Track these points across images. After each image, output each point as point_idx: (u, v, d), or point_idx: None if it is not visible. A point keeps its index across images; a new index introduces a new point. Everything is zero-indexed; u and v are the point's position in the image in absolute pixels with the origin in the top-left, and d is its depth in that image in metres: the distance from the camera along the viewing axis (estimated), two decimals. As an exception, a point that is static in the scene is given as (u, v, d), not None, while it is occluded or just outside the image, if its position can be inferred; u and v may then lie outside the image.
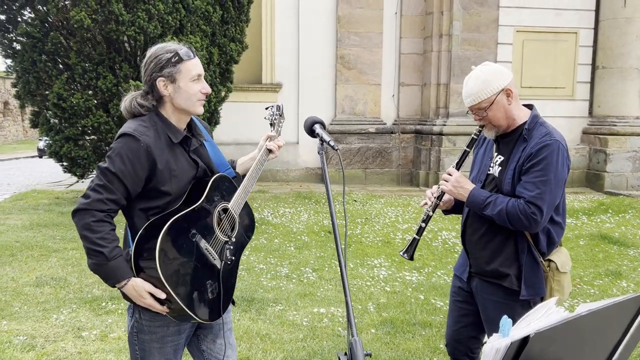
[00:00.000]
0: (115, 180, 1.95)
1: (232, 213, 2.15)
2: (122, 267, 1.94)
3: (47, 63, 8.21)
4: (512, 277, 2.38)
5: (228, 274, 2.14)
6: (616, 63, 11.19)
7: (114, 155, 1.97)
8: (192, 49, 2.09)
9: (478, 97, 2.31)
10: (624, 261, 6.13)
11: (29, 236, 6.75)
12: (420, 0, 11.46)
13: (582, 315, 1.21)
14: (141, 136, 1.98)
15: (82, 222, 1.93)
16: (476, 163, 2.61)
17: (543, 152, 2.26)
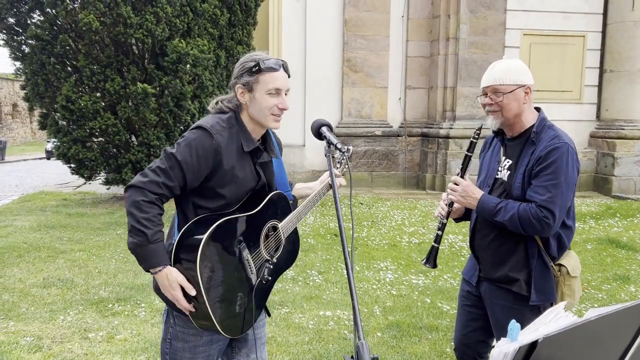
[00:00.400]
0: (176, 168, 1.92)
1: (280, 233, 2.11)
2: (160, 252, 1.89)
3: (56, 65, 8.28)
4: (522, 282, 2.36)
5: (260, 293, 2.07)
6: (624, 66, 11.14)
7: (184, 145, 1.94)
8: (280, 62, 2.03)
9: (501, 80, 2.30)
10: (632, 265, 6.09)
11: (37, 237, 6.78)
12: (427, 4, 11.46)
13: (590, 320, 1.20)
14: (216, 134, 1.96)
15: (132, 198, 1.89)
16: (483, 167, 2.59)
17: (552, 155, 2.24)
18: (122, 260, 5.90)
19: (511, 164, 2.39)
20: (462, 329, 2.64)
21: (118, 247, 6.43)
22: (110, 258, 5.96)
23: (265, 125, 2.07)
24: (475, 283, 2.55)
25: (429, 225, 7.82)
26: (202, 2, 8.35)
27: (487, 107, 2.37)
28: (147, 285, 5.08)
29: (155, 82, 8.22)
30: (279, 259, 2.12)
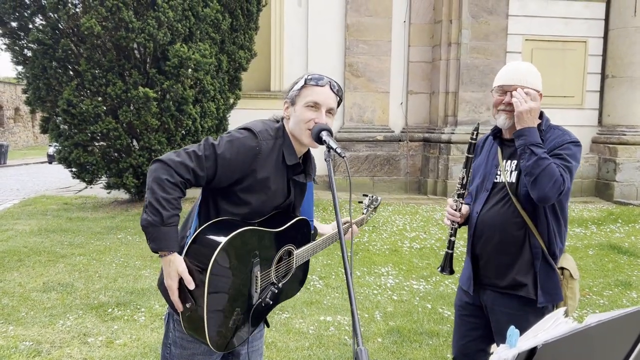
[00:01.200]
0: (211, 160, 1.87)
1: (293, 260, 2.07)
2: (171, 236, 1.83)
3: (58, 69, 8.30)
4: (529, 286, 2.33)
5: (257, 314, 1.99)
6: (626, 72, 11.13)
7: (227, 139, 1.91)
8: (327, 79, 2.00)
9: (525, 81, 2.31)
10: (634, 271, 6.06)
11: (37, 241, 6.78)
12: (429, 9, 11.47)
13: (590, 326, 1.19)
14: (261, 140, 1.94)
15: (157, 174, 1.82)
16: (477, 171, 2.54)
17: (567, 142, 2.28)
18: (122, 264, 5.89)
19: (517, 166, 2.35)
20: (461, 339, 2.59)
21: (119, 251, 6.42)
22: (110, 262, 5.95)
23: (300, 140, 2.00)
24: (473, 292, 2.49)
25: (430, 231, 7.80)
26: (204, 6, 8.37)
27: (502, 106, 2.34)
28: (147, 290, 5.07)
29: (157, 87, 8.23)
30: (284, 285, 2.07)
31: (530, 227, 2.33)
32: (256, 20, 9.53)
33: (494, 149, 2.48)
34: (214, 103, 8.81)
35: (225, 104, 9.08)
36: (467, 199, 2.56)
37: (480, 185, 2.47)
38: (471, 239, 2.48)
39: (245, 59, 9.32)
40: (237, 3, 9.02)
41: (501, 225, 2.36)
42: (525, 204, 2.32)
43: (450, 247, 2.52)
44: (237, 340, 1.97)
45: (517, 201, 2.33)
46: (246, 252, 1.88)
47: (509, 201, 2.35)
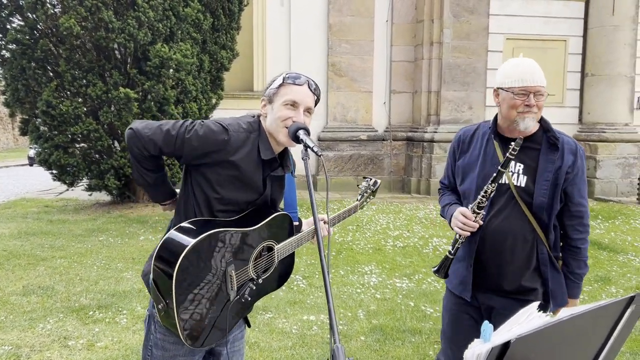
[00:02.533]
0: (180, 141, 1.93)
1: (274, 256, 2.06)
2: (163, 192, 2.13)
3: (37, 70, 8.19)
4: (538, 291, 2.31)
5: (235, 310, 1.99)
6: (604, 70, 11.29)
7: (199, 127, 1.94)
8: (306, 78, 2.02)
9: (543, 82, 2.28)
10: (613, 267, 6.14)
11: (17, 245, 6.68)
12: (411, 8, 11.52)
13: (563, 320, 1.20)
14: (232, 132, 1.96)
15: (130, 144, 1.96)
16: (471, 170, 2.42)
17: (582, 159, 2.35)
18: (104, 267, 5.83)
19: (525, 170, 2.30)
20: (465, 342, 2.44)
21: (100, 253, 6.35)
22: (92, 265, 5.89)
23: (277, 138, 2.00)
24: (471, 297, 2.40)
25: (414, 229, 7.83)
26: (184, 6, 8.32)
27: (527, 108, 2.24)
28: (129, 292, 5.03)
29: (138, 87, 8.16)
30: (266, 280, 2.06)
31: (539, 233, 2.30)
32: (238, 19, 9.50)
33: (490, 147, 2.37)
34: (196, 103, 8.76)
35: (207, 105, 9.03)
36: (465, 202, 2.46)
37: (481, 186, 2.31)
38: (476, 244, 2.34)
39: (227, 59, 9.29)
40: (219, 3, 8.98)
41: (512, 230, 2.29)
42: (537, 211, 2.28)
43: (455, 252, 2.38)
44: (215, 336, 1.96)
45: (525, 206, 2.28)
46: (217, 254, 1.87)
47: (516, 205, 2.29)
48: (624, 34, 11.08)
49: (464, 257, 2.40)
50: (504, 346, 1.12)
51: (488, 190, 2.23)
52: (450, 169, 2.56)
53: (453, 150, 2.53)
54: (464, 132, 2.52)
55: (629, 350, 3.93)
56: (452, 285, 2.49)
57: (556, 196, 2.27)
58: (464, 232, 2.29)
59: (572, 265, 2.35)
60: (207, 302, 1.89)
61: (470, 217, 2.27)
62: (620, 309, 1.36)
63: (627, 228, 8.15)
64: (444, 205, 2.55)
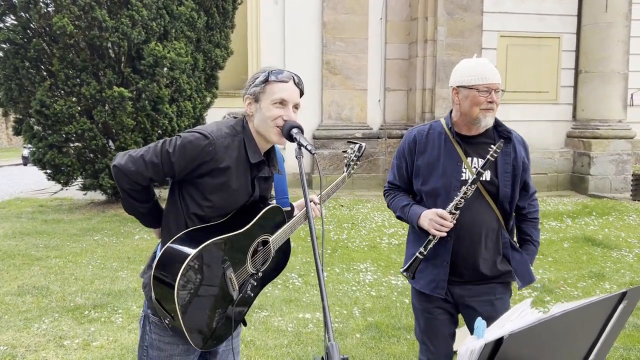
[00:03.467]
0: (167, 165, 1.93)
1: (271, 247, 2.07)
2: (154, 218, 2.10)
3: (30, 70, 8.15)
4: (512, 272, 2.47)
5: (241, 307, 2.03)
6: (598, 67, 11.32)
7: (179, 145, 1.92)
8: (291, 74, 2.01)
9: (500, 79, 2.37)
10: (607, 263, 6.18)
11: (11, 245, 6.66)
12: (405, 6, 11.53)
13: (556, 316, 1.21)
14: (215, 140, 1.92)
15: (119, 181, 1.96)
16: (433, 168, 2.45)
17: (526, 147, 2.54)
18: (99, 266, 5.83)
19: (485, 164, 2.35)
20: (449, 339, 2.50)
21: (95, 253, 6.34)
22: (87, 264, 5.88)
23: (268, 138, 2.00)
24: (446, 292, 2.45)
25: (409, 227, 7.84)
26: (178, 5, 8.30)
27: (489, 105, 2.32)
28: (124, 291, 5.03)
29: (132, 86, 8.14)
30: (266, 270, 2.08)
31: (501, 221, 2.46)
32: (232, 18, 9.48)
33: (449, 145, 2.43)
34: (191, 102, 8.75)
35: (202, 103, 9.01)
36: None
37: (447, 184, 2.40)
38: (451, 240, 2.40)
39: (221, 58, 9.27)
40: (213, 1, 8.96)
41: (483, 221, 2.41)
42: (502, 201, 2.43)
43: (427, 252, 2.41)
44: (223, 335, 2.00)
45: (490, 198, 2.41)
46: (213, 264, 1.88)
47: (482, 198, 2.40)
48: (617, 31, 11.12)
49: (435, 256, 2.44)
50: (497, 342, 1.13)
51: (467, 192, 2.32)
52: (404, 169, 2.58)
53: (409, 151, 2.55)
54: (418, 132, 2.56)
55: (623, 346, 3.95)
56: (420, 285, 2.52)
57: (516, 186, 2.44)
58: (441, 233, 2.35)
59: (534, 235, 2.58)
60: (212, 308, 1.91)
61: (447, 218, 2.33)
62: (613, 305, 1.37)
63: (620, 224, 8.20)
64: (403, 206, 2.55)
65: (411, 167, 2.54)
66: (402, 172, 2.59)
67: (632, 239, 7.26)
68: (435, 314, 2.52)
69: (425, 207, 2.44)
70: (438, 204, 2.41)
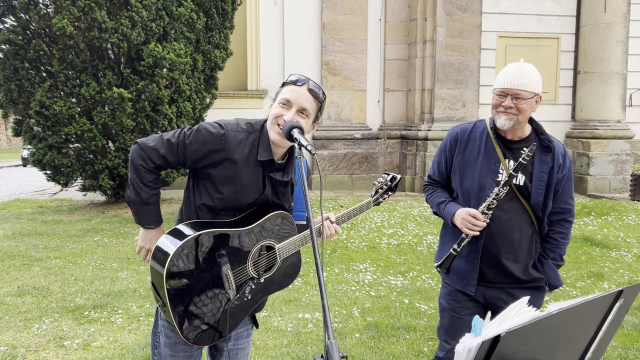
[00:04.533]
0: (182, 148, 2.00)
1: (276, 254, 2.07)
2: (151, 213, 2.09)
3: (30, 71, 8.16)
4: (544, 278, 2.49)
5: (237, 309, 2.02)
6: (597, 68, 11.34)
7: (196, 130, 2.01)
8: (305, 79, 2.02)
9: (526, 86, 2.34)
10: (606, 263, 6.19)
11: (11, 245, 6.67)
12: (404, 7, 11.55)
13: (552, 314, 1.22)
14: (229, 132, 2.01)
15: (133, 158, 2.02)
16: (471, 167, 2.50)
17: (569, 163, 2.49)
18: (99, 267, 5.83)
19: (522, 170, 2.39)
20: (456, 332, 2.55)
21: (95, 253, 6.35)
22: (87, 265, 5.89)
23: (269, 135, 2.03)
24: (474, 291, 2.49)
25: (408, 227, 7.86)
26: (178, 5, 8.31)
27: (502, 108, 2.36)
28: (124, 291, 5.04)
29: (132, 87, 8.15)
30: (269, 279, 2.08)
31: (535, 226, 2.47)
32: (231, 19, 9.49)
33: (490, 145, 2.46)
34: (190, 103, 8.76)
35: (201, 104, 9.03)
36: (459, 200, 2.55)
37: (483, 183, 2.44)
38: (482, 238, 2.44)
39: (221, 58, 9.28)
40: (212, 2, 8.97)
41: (517, 223, 2.43)
42: (534, 208, 2.43)
43: (460, 249, 2.47)
44: (215, 335, 2.00)
45: (526, 203, 2.42)
46: (207, 255, 1.91)
47: (518, 201, 2.42)
48: (616, 31, 11.14)
49: (467, 253, 2.49)
50: (495, 340, 1.14)
51: (500, 193, 2.36)
52: (444, 165, 2.62)
53: (450, 147, 2.59)
54: (462, 130, 2.59)
55: (621, 345, 3.97)
56: (451, 281, 2.58)
57: (549, 195, 2.42)
58: (474, 232, 2.40)
59: (550, 256, 2.51)
60: (204, 301, 1.92)
61: (480, 217, 2.38)
62: (609, 303, 1.38)
63: (619, 224, 8.21)
64: (439, 203, 2.60)
65: (450, 163, 2.59)
66: (442, 168, 2.63)
67: (631, 239, 7.27)
68: (462, 314, 2.55)
69: (461, 205, 2.49)
70: (472, 203, 2.45)
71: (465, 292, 2.52)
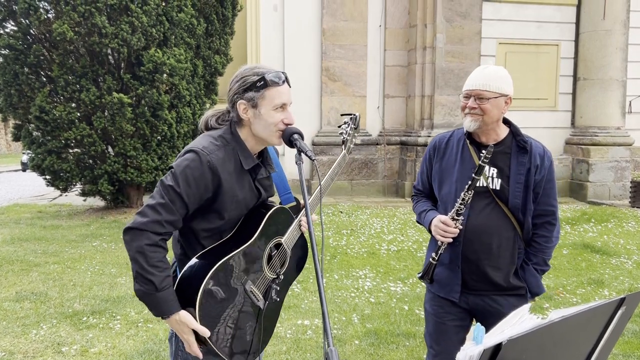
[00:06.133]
0: (177, 201, 1.83)
1: (285, 248, 2.05)
2: (169, 299, 1.81)
3: (30, 76, 8.17)
4: (525, 286, 2.44)
5: (271, 313, 2.04)
6: (597, 74, 11.36)
7: (179, 173, 1.84)
8: (282, 74, 1.95)
9: (489, 86, 2.33)
10: (606, 270, 6.17)
11: (10, 251, 6.65)
12: (404, 13, 11.57)
13: (554, 322, 1.21)
14: (209, 155, 1.86)
15: (135, 243, 1.79)
16: (448, 174, 2.49)
17: (550, 163, 2.42)
18: (97, 272, 5.81)
19: (499, 173, 2.38)
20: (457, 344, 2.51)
21: (94, 259, 6.33)
22: (85, 270, 5.87)
23: (269, 142, 2.00)
24: (458, 298, 2.46)
25: (408, 233, 7.85)
26: (178, 11, 8.33)
27: (468, 110, 2.36)
28: (123, 297, 5.02)
29: (132, 92, 8.15)
30: (286, 272, 2.07)
31: (518, 230, 2.42)
32: (232, 25, 9.51)
33: (466, 152, 2.45)
34: (190, 108, 8.76)
35: (201, 109, 9.03)
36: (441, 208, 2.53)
37: (459, 190, 2.41)
38: (460, 245, 2.41)
39: (221, 64, 9.29)
40: (212, 8, 8.99)
41: (496, 229, 2.39)
42: (513, 211, 2.39)
43: (438, 258, 2.45)
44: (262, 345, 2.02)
45: (505, 207, 2.38)
46: (229, 282, 1.88)
47: (497, 206, 2.39)
48: (615, 38, 11.16)
49: (448, 260, 2.47)
50: (496, 348, 1.13)
51: (465, 197, 2.34)
52: (426, 175, 2.64)
53: (429, 156, 2.61)
54: (440, 139, 2.60)
55: (622, 353, 3.95)
56: (435, 289, 2.55)
57: (528, 197, 2.39)
58: (446, 239, 2.38)
59: (532, 261, 2.45)
60: (242, 325, 1.93)
61: (450, 224, 2.36)
62: (611, 311, 1.37)
63: (619, 231, 8.20)
64: (420, 212, 2.61)
65: (430, 172, 2.60)
66: (424, 177, 2.64)
67: (630, 246, 7.26)
68: (445, 320, 2.52)
69: (440, 213, 2.48)
70: (449, 210, 2.43)
71: (448, 299, 2.50)
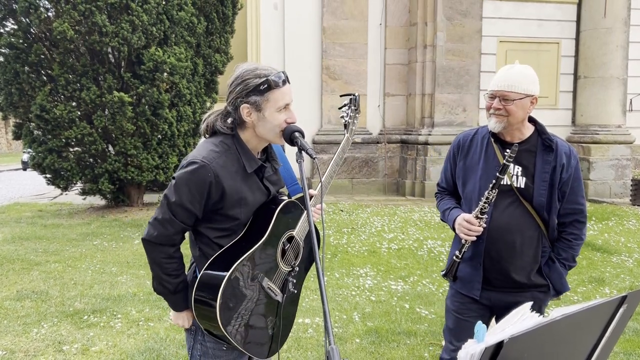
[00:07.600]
0: (181, 212, 1.90)
1: (298, 240, 2.06)
2: (181, 301, 2.02)
3: (30, 74, 8.17)
4: (549, 284, 2.46)
5: (289, 305, 2.07)
6: (597, 72, 11.35)
7: (182, 185, 1.88)
8: (283, 74, 1.95)
9: (515, 87, 2.32)
10: (607, 268, 6.17)
11: (11, 249, 6.65)
12: (405, 12, 11.56)
13: (556, 320, 1.21)
14: (210, 163, 1.87)
15: (151, 255, 1.96)
16: (472, 172, 2.50)
17: (576, 162, 2.43)
18: (98, 271, 5.82)
19: (523, 171, 2.38)
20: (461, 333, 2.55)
21: (94, 258, 6.33)
22: (86, 269, 5.87)
23: (273, 142, 2.03)
24: (479, 295, 2.48)
25: (409, 231, 7.85)
26: (178, 10, 8.32)
27: (492, 110, 2.36)
28: (124, 296, 5.02)
29: (132, 91, 8.15)
30: (300, 263, 2.08)
31: (542, 229, 2.42)
32: (232, 23, 9.50)
33: (490, 150, 2.45)
34: (190, 107, 8.76)
35: (201, 108, 9.03)
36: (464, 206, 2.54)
37: (483, 188, 2.41)
38: (484, 243, 2.42)
39: (221, 63, 9.29)
40: (213, 6, 8.99)
41: (519, 227, 2.39)
42: (538, 209, 2.39)
43: (462, 255, 2.47)
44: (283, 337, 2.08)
45: (530, 205, 2.39)
46: (247, 283, 1.91)
47: (521, 204, 2.39)
48: (616, 36, 11.16)
49: (471, 258, 2.48)
50: (498, 346, 1.13)
51: (489, 196, 2.34)
52: (450, 172, 2.63)
53: (453, 154, 2.60)
54: (464, 136, 2.59)
55: (623, 351, 3.95)
56: (457, 286, 2.57)
57: (554, 195, 2.38)
58: (470, 238, 2.39)
59: (562, 256, 2.47)
60: (263, 320, 1.97)
61: (474, 222, 2.37)
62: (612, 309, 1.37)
63: (620, 229, 8.19)
64: (444, 210, 2.61)
65: (454, 169, 2.59)
66: (448, 175, 2.64)
67: (631, 244, 7.25)
68: (467, 317, 2.54)
69: (464, 211, 2.48)
70: (473, 208, 2.42)
71: (469, 296, 2.51)
